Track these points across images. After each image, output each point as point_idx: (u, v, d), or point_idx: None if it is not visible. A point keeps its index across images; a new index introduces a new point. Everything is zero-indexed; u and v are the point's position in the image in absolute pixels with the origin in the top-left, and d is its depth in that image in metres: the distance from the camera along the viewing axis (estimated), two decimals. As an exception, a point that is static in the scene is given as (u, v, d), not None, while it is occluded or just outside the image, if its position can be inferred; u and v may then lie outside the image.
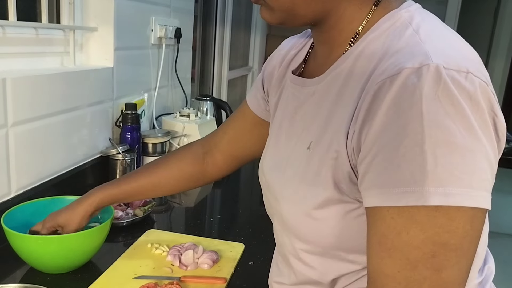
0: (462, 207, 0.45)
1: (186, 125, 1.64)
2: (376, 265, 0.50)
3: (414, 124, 0.45)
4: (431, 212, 0.45)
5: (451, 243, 0.46)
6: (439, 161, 0.45)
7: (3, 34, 1.08)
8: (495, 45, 4.16)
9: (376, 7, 0.57)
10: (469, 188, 0.45)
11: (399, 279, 0.48)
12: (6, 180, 1.00)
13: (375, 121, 0.48)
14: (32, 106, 1.06)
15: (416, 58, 0.48)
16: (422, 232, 0.46)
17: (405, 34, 0.53)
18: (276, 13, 0.58)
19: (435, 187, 0.45)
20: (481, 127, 0.46)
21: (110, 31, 1.37)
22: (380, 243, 0.49)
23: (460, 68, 0.47)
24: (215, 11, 2.69)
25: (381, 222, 0.48)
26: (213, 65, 2.81)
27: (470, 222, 0.46)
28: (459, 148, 0.45)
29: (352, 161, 0.53)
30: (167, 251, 0.98)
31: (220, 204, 1.42)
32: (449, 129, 0.45)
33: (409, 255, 0.47)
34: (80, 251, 0.88)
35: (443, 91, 0.45)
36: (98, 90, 1.34)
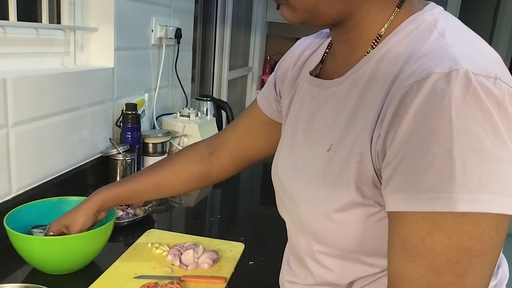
0: (489, 214, 0.45)
1: (186, 125, 1.65)
2: (398, 269, 0.50)
3: (443, 130, 0.45)
4: (457, 218, 0.45)
5: (475, 249, 0.46)
6: (468, 167, 0.44)
7: (4, 34, 1.09)
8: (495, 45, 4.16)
9: (399, 9, 0.56)
10: (496, 194, 0.45)
11: (422, 284, 0.48)
12: (6, 180, 1.01)
13: (402, 126, 0.48)
14: (32, 106, 1.06)
15: (444, 63, 0.47)
16: (447, 238, 0.46)
17: (431, 38, 0.52)
18: (298, 13, 0.58)
19: (463, 193, 0.44)
20: (509, 134, 0.46)
21: (110, 32, 1.37)
22: (403, 248, 0.49)
23: (488, 74, 0.47)
24: (215, 12, 2.69)
25: (405, 227, 0.48)
26: (213, 65, 2.82)
27: (495, 229, 0.46)
28: (488, 155, 0.45)
29: (376, 165, 0.52)
30: (168, 251, 0.98)
31: (220, 204, 1.42)
32: (478, 136, 0.45)
33: (433, 260, 0.47)
34: (82, 252, 0.88)
35: (472, 97, 0.45)
36: (99, 90, 1.34)
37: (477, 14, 4.14)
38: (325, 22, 0.58)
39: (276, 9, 3.85)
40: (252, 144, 0.86)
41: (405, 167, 0.47)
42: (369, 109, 0.53)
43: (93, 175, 1.34)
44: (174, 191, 0.95)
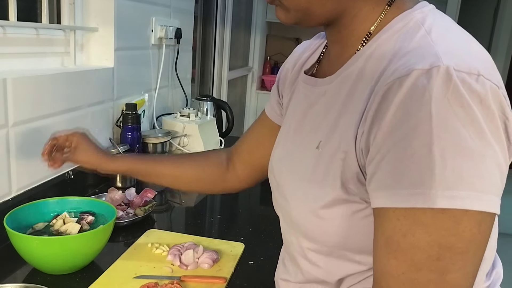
0: (470, 211, 0.45)
1: (186, 125, 1.65)
2: (382, 266, 0.50)
3: (423, 126, 0.45)
4: (437, 214, 0.45)
5: (457, 246, 0.45)
6: (448, 163, 0.44)
7: (4, 34, 1.09)
8: (495, 45, 4.16)
9: (390, 7, 0.57)
10: (478, 192, 0.45)
11: (404, 281, 0.48)
12: (6, 180, 1.01)
13: (384, 122, 0.48)
14: (32, 106, 1.06)
15: (426, 59, 0.47)
16: (427, 235, 0.46)
17: (417, 35, 0.52)
18: (291, 13, 0.58)
19: (443, 189, 0.44)
20: (492, 131, 0.46)
21: (110, 32, 1.37)
22: (386, 244, 0.49)
23: (471, 71, 0.46)
24: (215, 12, 2.69)
25: (388, 223, 0.48)
26: (213, 65, 2.82)
27: (477, 226, 0.45)
28: (469, 152, 0.44)
29: (360, 162, 0.53)
30: (168, 251, 0.98)
31: (220, 204, 1.42)
32: (458, 132, 0.44)
33: (414, 257, 0.47)
34: (82, 252, 0.88)
35: (452, 93, 0.45)
36: (99, 90, 1.34)
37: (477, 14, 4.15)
38: (317, 21, 0.59)
39: (276, 9, 3.85)
40: (262, 152, 0.85)
41: (387, 163, 0.48)
42: (355, 106, 0.54)
43: (93, 175, 1.33)
44: (187, 186, 0.96)
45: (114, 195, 1.18)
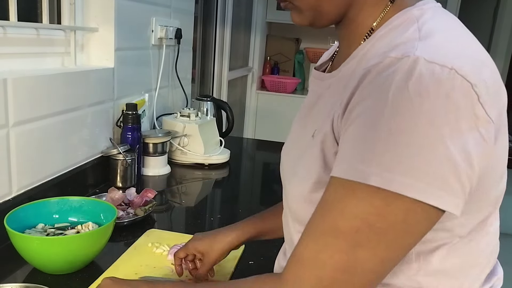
0: (402, 196, 0.46)
1: (186, 125, 1.65)
2: (310, 222, 0.53)
3: (377, 108, 0.47)
4: (372, 192, 0.47)
5: (376, 226, 0.47)
6: (391, 147, 0.46)
7: (4, 34, 1.09)
8: (494, 44, 4.16)
9: (392, 4, 0.58)
10: (416, 180, 0.45)
11: (319, 242, 0.51)
12: (7, 180, 1.01)
13: (351, 103, 0.51)
14: (33, 106, 1.06)
15: (402, 50, 0.49)
16: (356, 207, 0.48)
17: (408, 31, 0.53)
18: (304, 13, 0.61)
19: (380, 170, 0.46)
20: (450, 127, 0.45)
21: (111, 32, 1.37)
22: (320, 205, 0.53)
23: (444, 64, 0.47)
24: (215, 12, 2.69)
25: (329, 188, 0.52)
26: (213, 66, 2.82)
27: (404, 214, 0.47)
28: (415, 140, 0.45)
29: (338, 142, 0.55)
30: (168, 251, 0.98)
31: (220, 203, 1.42)
32: (409, 120, 0.45)
33: (338, 223, 0.49)
34: (82, 252, 0.88)
35: (414, 82, 0.46)
36: (99, 91, 1.34)
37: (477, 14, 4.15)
38: (329, 19, 0.61)
39: (276, 10, 3.85)
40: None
41: (344, 138, 0.51)
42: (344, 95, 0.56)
43: (94, 175, 1.34)
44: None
45: (114, 195, 1.18)
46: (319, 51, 4.02)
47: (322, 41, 4.21)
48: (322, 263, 0.50)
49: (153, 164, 1.54)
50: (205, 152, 1.66)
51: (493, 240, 0.61)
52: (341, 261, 0.49)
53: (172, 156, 1.67)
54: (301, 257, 0.52)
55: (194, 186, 1.55)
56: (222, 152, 1.72)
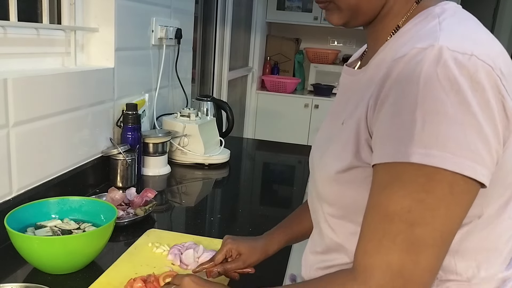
0: (442, 170, 0.49)
1: (186, 125, 1.65)
2: (364, 216, 0.56)
3: (411, 94, 0.51)
4: (414, 171, 0.51)
5: (427, 201, 0.50)
6: (427, 126, 0.50)
7: (4, 34, 1.09)
8: (495, 45, 4.16)
9: (417, 4, 0.63)
10: (452, 154, 0.49)
11: (378, 229, 0.53)
12: (7, 180, 1.01)
13: (383, 92, 0.55)
14: (33, 106, 1.06)
15: (426, 41, 0.54)
16: (403, 188, 0.51)
17: (429, 25, 0.58)
18: (343, 13, 0.64)
19: (418, 147, 0.50)
20: (480, 105, 0.50)
21: (111, 32, 1.37)
22: (370, 196, 0.56)
23: (464, 51, 0.51)
24: (215, 12, 2.70)
25: (375, 177, 0.55)
26: (213, 66, 2.82)
27: (449, 187, 0.50)
28: (448, 119, 0.50)
29: (370, 131, 0.58)
30: (168, 251, 0.98)
31: (220, 203, 1.43)
32: (441, 101, 0.50)
33: (389, 207, 0.52)
34: (83, 252, 0.88)
35: (442, 68, 0.51)
36: (99, 91, 1.35)
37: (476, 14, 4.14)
38: (364, 19, 0.65)
39: (276, 10, 3.85)
40: None
41: (381, 125, 0.55)
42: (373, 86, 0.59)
43: (94, 175, 1.34)
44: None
45: (114, 195, 1.18)
46: (319, 51, 4.02)
47: (322, 41, 4.21)
48: (386, 249, 0.52)
49: (153, 164, 1.55)
50: (205, 152, 1.66)
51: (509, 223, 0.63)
52: (403, 243, 0.51)
53: (172, 156, 1.67)
54: (365, 248, 0.55)
55: (194, 186, 1.55)
56: (222, 152, 1.73)
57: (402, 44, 0.58)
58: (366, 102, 0.59)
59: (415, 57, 0.53)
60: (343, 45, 4.18)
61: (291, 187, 1.60)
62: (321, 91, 3.84)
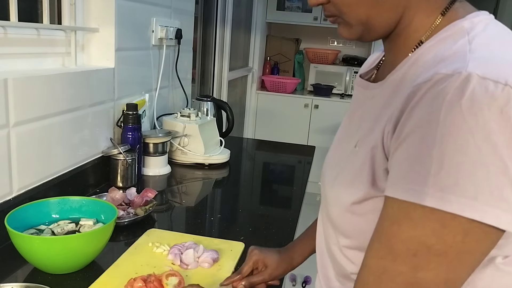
0: (458, 217, 0.45)
1: (186, 125, 1.65)
2: (368, 247, 0.53)
3: (430, 127, 0.46)
4: (427, 213, 0.46)
5: (435, 248, 0.46)
6: (445, 166, 0.45)
7: (5, 34, 1.09)
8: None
9: (443, 17, 0.57)
10: (472, 200, 0.44)
11: (379, 266, 0.51)
12: (7, 180, 1.01)
13: (401, 121, 0.50)
14: (33, 106, 1.06)
15: (452, 65, 0.48)
16: (412, 229, 0.47)
17: (458, 43, 0.52)
18: (354, 28, 0.60)
19: (435, 190, 0.45)
20: (507, 143, 0.44)
21: (111, 32, 1.38)
22: (377, 228, 0.52)
23: (498, 79, 0.46)
24: (216, 12, 2.70)
25: (384, 210, 0.51)
26: (214, 66, 2.82)
27: (463, 235, 0.46)
28: (470, 159, 0.44)
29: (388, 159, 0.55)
30: (168, 250, 0.98)
31: (220, 203, 1.43)
32: (463, 138, 0.44)
33: (394, 246, 0.49)
34: (83, 251, 0.88)
35: (467, 100, 0.45)
36: (99, 91, 1.35)
37: (477, 15, 4.14)
38: (378, 33, 0.61)
39: (276, 10, 3.86)
40: None
41: (396, 158, 0.51)
42: (391, 109, 0.55)
43: (94, 175, 1.34)
44: None
45: (115, 194, 1.18)
46: (319, 51, 4.03)
47: (322, 42, 4.21)
48: (385, 285, 0.50)
49: (154, 164, 1.55)
50: (205, 152, 1.66)
51: None
52: (403, 283, 0.48)
53: (173, 156, 1.67)
54: (365, 280, 0.53)
55: (194, 186, 1.55)
56: (222, 152, 1.73)
57: (426, 65, 0.53)
58: (382, 128, 0.55)
59: (438, 85, 0.47)
60: (343, 45, 4.19)
61: (291, 187, 1.61)
62: (321, 91, 3.84)
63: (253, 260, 0.87)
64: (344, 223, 0.63)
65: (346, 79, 3.89)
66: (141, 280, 0.82)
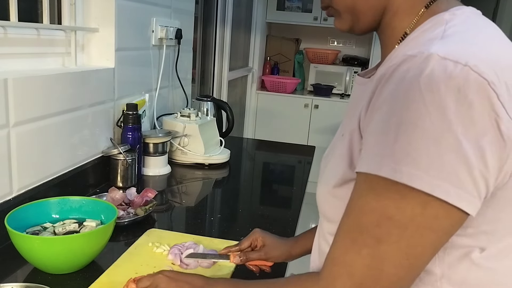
0: (415, 190, 0.46)
1: (186, 125, 1.65)
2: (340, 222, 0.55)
3: (389, 103, 0.49)
4: (388, 185, 0.48)
5: (396, 218, 0.48)
6: (399, 138, 0.47)
7: (5, 34, 1.09)
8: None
9: (426, 9, 0.59)
10: (423, 172, 0.46)
11: (347, 238, 0.52)
12: (7, 180, 1.01)
13: (372, 101, 0.53)
14: (33, 106, 1.06)
15: (420, 47, 0.50)
16: (375, 201, 0.50)
17: (433, 33, 0.54)
18: (343, 17, 0.64)
19: (390, 161, 0.47)
20: (462, 121, 0.45)
21: (111, 32, 1.38)
22: (347, 205, 0.54)
23: (458, 60, 0.47)
24: (216, 12, 2.70)
25: (355, 184, 0.53)
26: (214, 66, 2.82)
27: (421, 207, 0.47)
28: (424, 133, 0.46)
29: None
30: (168, 250, 0.98)
31: (220, 203, 1.43)
32: (418, 113, 0.46)
33: (360, 218, 0.51)
34: (83, 251, 0.88)
35: (426, 77, 0.47)
36: (100, 91, 1.35)
37: (477, 15, 4.14)
38: (366, 23, 0.63)
39: (276, 10, 3.86)
40: None
41: (365, 135, 0.53)
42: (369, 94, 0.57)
43: (94, 175, 1.34)
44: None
45: (115, 194, 1.18)
46: (319, 51, 4.03)
47: (322, 41, 4.21)
48: (351, 259, 0.51)
49: (154, 164, 1.55)
50: (205, 152, 1.66)
51: None
52: (367, 256, 0.50)
53: (173, 156, 1.67)
54: (333, 255, 0.54)
55: (194, 186, 1.55)
56: (222, 152, 1.73)
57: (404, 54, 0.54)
58: (359, 111, 0.57)
59: (403, 65, 0.49)
60: (343, 45, 4.19)
61: (291, 187, 1.61)
62: (321, 91, 3.84)
63: (252, 237, 0.90)
64: (327, 207, 0.65)
65: (346, 79, 3.90)
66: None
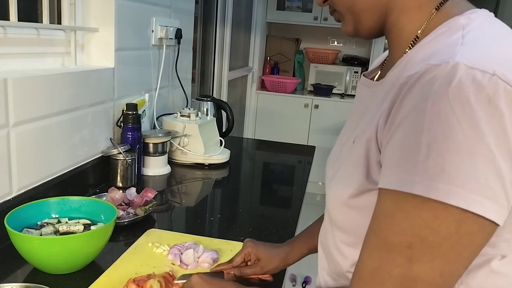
0: (449, 207, 0.45)
1: (186, 125, 1.65)
2: (364, 240, 0.53)
3: (417, 116, 0.47)
4: (418, 204, 0.46)
5: (429, 239, 0.46)
6: (432, 154, 0.45)
7: (4, 34, 1.09)
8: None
9: (437, 11, 0.57)
10: (460, 188, 0.44)
11: (375, 258, 0.50)
12: (7, 180, 1.01)
13: (392, 112, 0.51)
14: (33, 106, 1.06)
15: (442, 56, 0.49)
16: (405, 221, 0.47)
17: (452, 38, 0.52)
18: (345, 18, 0.63)
19: (423, 178, 0.45)
20: (494, 132, 0.44)
21: (111, 32, 1.38)
22: (372, 221, 0.52)
23: (485, 69, 0.46)
24: (215, 12, 2.70)
25: (378, 203, 0.52)
26: (214, 66, 2.82)
27: (455, 225, 0.45)
28: (457, 147, 0.44)
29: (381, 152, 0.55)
30: (168, 250, 0.98)
31: (220, 203, 1.43)
32: (450, 126, 0.44)
33: (388, 238, 0.49)
34: (83, 251, 0.88)
35: (454, 88, 0.45)
36: (99, 91, 1.35)
37: (477, 15, 4.14)
38: (369, 24, 0.62)
39: (276, 10, 3.86)
40: None
41: (388, 149, 0.51)
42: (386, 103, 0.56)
43: (94, 175, 1.34)
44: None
45: (114, 194, 1.18)
46: (319, 51, 4.03)
47: (322, 41, 4.21)
48: (381, 278, 0.50)
49: (153, 164, 1.55)
50: (205, 152, 1.66)
51: None
52: (399, 276, 0.48)
53: (172, 156, 1.67)
54: (361, 274, 0.52)
55: (194, 186, 1.55)
56: (222, 152, 1.73)
57: (420, 60, 0.53)
58: (376, 121, 0.55)
59: (426, 75, 0.47)
60: (343, 45, 4.19)
61: (291, 187, 1.61)
62: (321, 91, 3.84)
63: (245, 252, 0.88)
64: (341, 217, 0.63)
65: (346, 79, 3.89)
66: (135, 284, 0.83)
